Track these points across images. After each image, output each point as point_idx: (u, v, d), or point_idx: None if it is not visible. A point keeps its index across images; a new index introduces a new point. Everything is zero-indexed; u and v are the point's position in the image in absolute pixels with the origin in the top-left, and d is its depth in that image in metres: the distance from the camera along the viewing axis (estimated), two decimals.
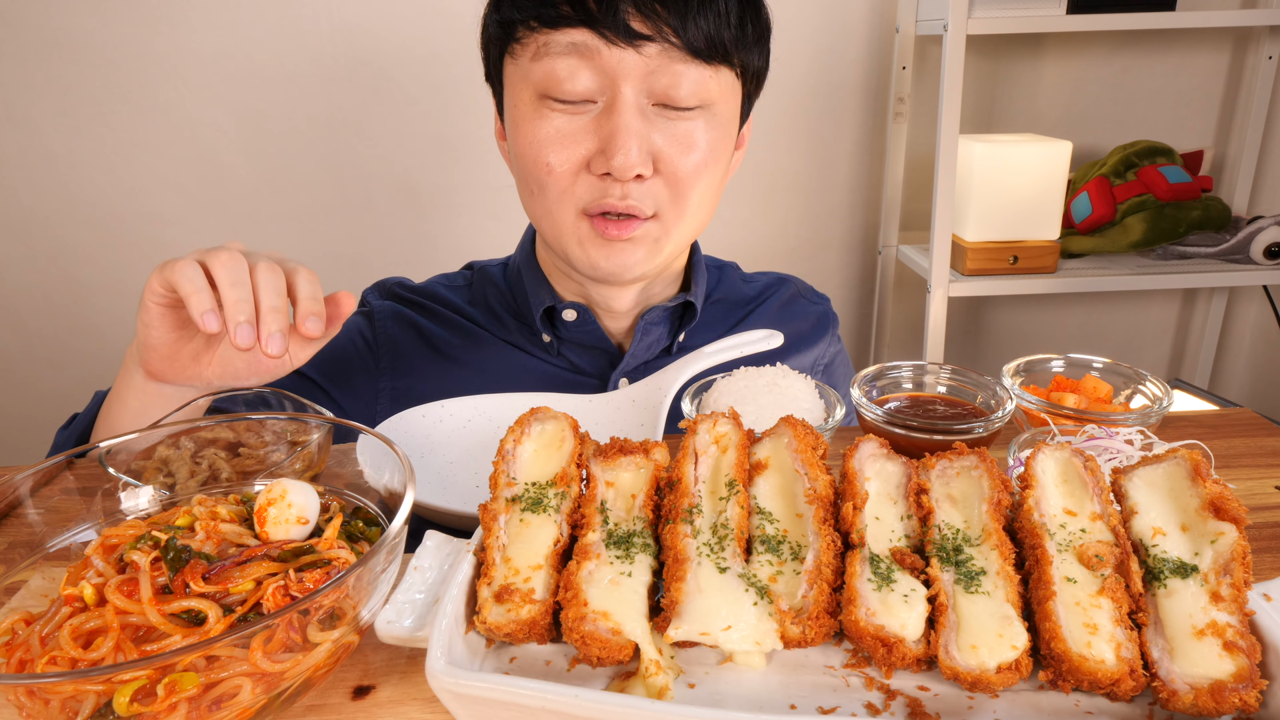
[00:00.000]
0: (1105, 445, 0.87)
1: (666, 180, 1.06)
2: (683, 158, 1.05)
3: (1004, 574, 0.61)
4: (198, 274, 0.82)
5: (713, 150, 1.07)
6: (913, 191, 2.61)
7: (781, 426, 0.73)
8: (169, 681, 0.51)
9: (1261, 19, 2.31)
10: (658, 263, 1.13)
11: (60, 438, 1.09)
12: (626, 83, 1.00)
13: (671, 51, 0.99)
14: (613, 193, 1.04)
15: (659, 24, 0.97)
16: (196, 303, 0.81)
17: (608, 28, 0.97)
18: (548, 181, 1.06)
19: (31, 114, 2.29)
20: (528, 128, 1.05)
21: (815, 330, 1.38)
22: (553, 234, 1.12)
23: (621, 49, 0.98)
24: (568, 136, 1.03)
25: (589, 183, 1.05)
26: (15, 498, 0.70)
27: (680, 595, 0.61)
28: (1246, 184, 2.63)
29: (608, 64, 0.99)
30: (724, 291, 1.36)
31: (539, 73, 1.01)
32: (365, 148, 2.42)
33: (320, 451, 0.87)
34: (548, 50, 1.00)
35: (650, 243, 1.10)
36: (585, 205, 1.07)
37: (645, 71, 0.99)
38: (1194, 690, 0.55)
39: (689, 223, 1.12)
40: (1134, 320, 2.89)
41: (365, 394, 1.25)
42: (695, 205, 1.10)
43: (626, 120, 1.00)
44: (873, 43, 2.47)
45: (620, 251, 1.09)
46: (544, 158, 1.04)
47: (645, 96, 1.02)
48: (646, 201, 1.06)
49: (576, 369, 1.24)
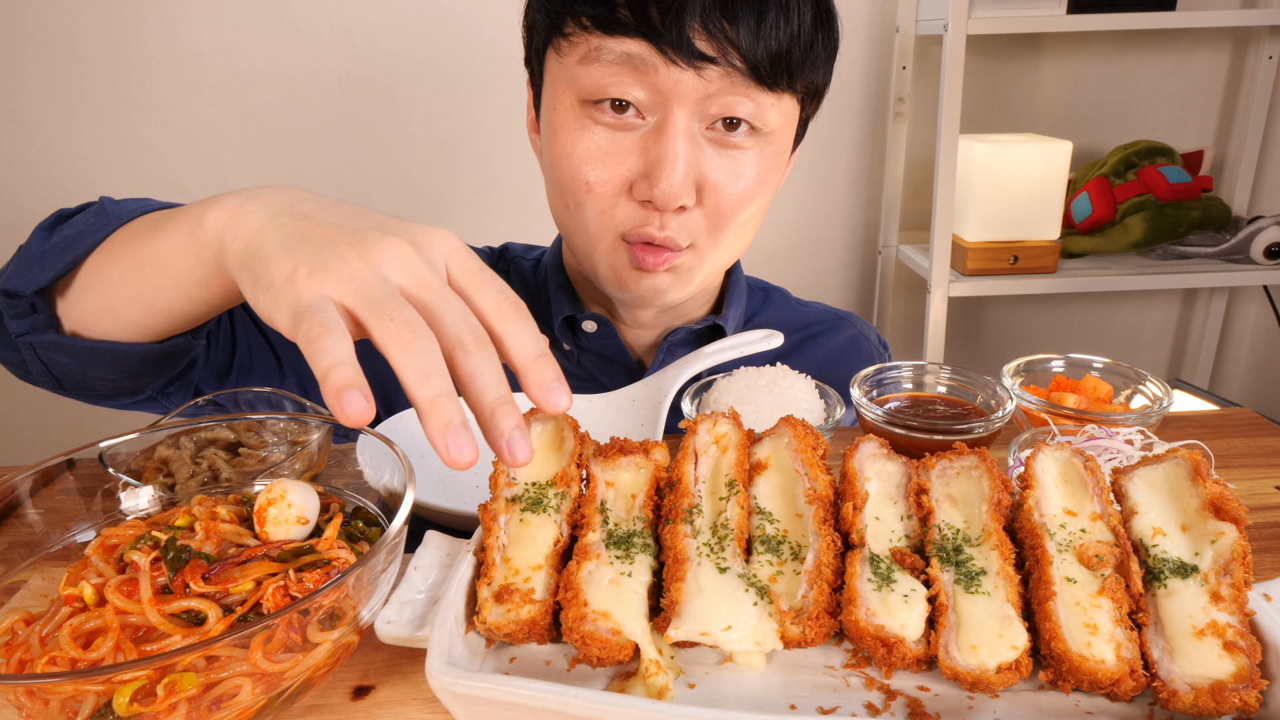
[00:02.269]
0: (1105, 445, 0.87)
1: (707, 211, 0.99)
2: (728, 189, 0.98)
3: (1004, 574, 0.61)
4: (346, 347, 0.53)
5: (761, 180, 1.01)
6: (913, 191, 2.61)
7: (781, 426, 0.73)
8: (169, 681, 0.51)
9: (1261, 19, 2.32)
10: (689, 290, 1.08)
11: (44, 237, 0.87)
12: (681, 106, 0.92)
13: (734, 76, 0.91)
14: (651, 222, 0.98)
15: (725, 45, 0.89)
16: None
17: (669, 44, 0.88)
18: (586, 200, 0.99)
19: (31, 114, 2.29)
20: (567, 137, 0.98)
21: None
22: (584, 250, 1.06)
23: (680, 69, 0.90)
24: (610, 155, 0.96)
25: (629, 209, 0.99)
26: (15, 498, 0.70)
27: (680, 595, 0.61)
28: (1246, 184, 2.63)
29: (663, 83, 0.91)
30: (769, 315, 1.30)
31: (586, 80, 0.94)
32: (365, 148, 2.42)
33: (320, 451, 0.87)
34: (598, 57, 0.92)
35: (684, 272, 1.05)
36: (625, 231, 1.01)
37: (702, 95, 0.92)
38: (1194, 690, 0.55)
39: (725, 251, 1.06)
40: (1134, 320, 2.89)
41: None
42: (733, 235, 1.04)
43: (676, 146, 0.93)
44: (873, 43, 2.47)
45: (653, 279, 1.04)
46: (583, 174, 0.98)
47: (698, 121, 0.95)
48: (682, 234, 1.00)
49: (594, 380, 1.21)
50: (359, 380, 0.51)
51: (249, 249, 0.62)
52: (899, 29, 2.40)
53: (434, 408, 0.53)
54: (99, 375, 0.90)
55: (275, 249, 0.60)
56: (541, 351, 0.60)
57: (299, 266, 0.57)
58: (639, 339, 1.22)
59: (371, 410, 0.51)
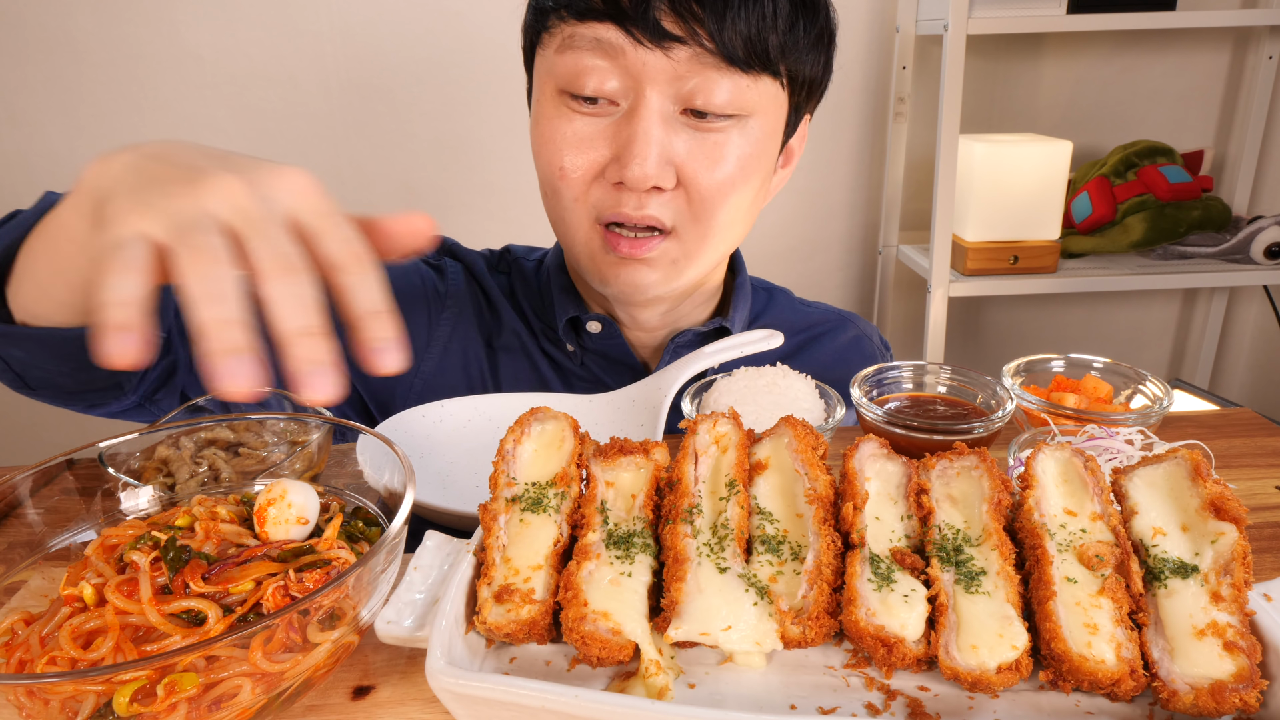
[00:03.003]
0: (1105, 445, 0.87)
1: (689, 195, 0.99)
2: (708, 171, 0.97)
3: (1004, 574, 0.61)
4: (138, 281, 0.51)
5: (744, 166, 0.99)
6: (913, 191, 2.61)
7: (781, 426, 0.73)
8: (169, 682, 0.51)
9: (1261, 19, 2.32)
10: (677, 285, 1.07)
11: None
12: (651, 87, 0.93)
13: (704, 57, 0.92)
14: (627, 203, 0.98)
15: (692, 25, 0.90)
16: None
17: (636, 25, 0.90)
18: (561, 186, 1.00)
19: (31, 114, 2.29)
20: (546, 125, 0.99)
21: None
22: (567, 241, 1.07)
23: (648, 50, 0.91)
24: (585, 140, 0.97)
25: (602, 191, 0.99)
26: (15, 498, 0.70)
27: (680, 595, 0.61)
28: (1247, 184, 2.63)
29: (632, 65, 0.92)
30: (773, 316, 1.30)
31: (562, 67, 0.96)
32: (365, 148, 2.42)
33: (320, 451, 0.87)
34: (572, 44, 0.94)
35: (668, 264, 1.04)
36: (599, 214, 1.01)
37: (672, 76, 0.92)
38: (1194, 690, 0.55)
39: (714, 244, 1.04)
40: (1134, 320, 2.89)
41: (419, 339, 1.20)
42: (722, 225, 1.02)
43: (646, 127, 0.93)
44: (873, 43, 2.47)
45: (634, 271, 1.03)
46: (559, 160, 0.98)
47: (672, 103, 0.95)
48: (665, 214, 0.99)
49: (599, 381, 1.20)
50: (134, 322, 0.49)
51: (103, 194, 0.59)
52: (899, 29, 2.40)
53: (213, 331, 0.49)
54: (52, 367, 0.87)
55: (121, 191, 0.57)
56: (377, 308, 0.55)
57: (129, 205, 0.55)
58: (643, 341, 1.21)
59: (142, 353, 0.49)
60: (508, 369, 1.21)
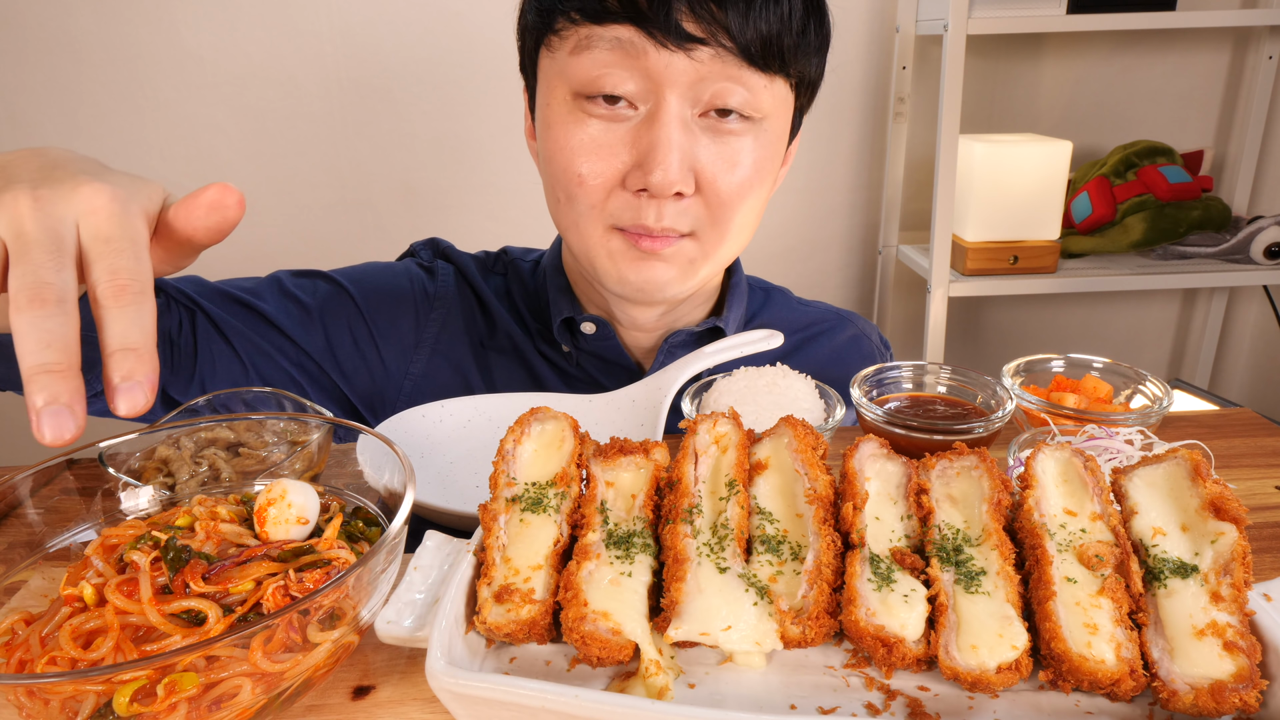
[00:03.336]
0: (1105, 445, 0.87)
1: (707, 199, 0.98)
2: (727, 176, 0.97)
3: (1004, 574, 0.61)
4: None
5: (759, 169, 1.00)
6: (913, 191, 2.61)
7: (781, 426, 0.73)
8: (169, 681, 0.51)
9: (1261, 19, 2.32)
10: (691, 284, 1.07)
11: None
12: (672, 90, 0.92)
13: (725, 57, 0.91)
14: (648, 214, 0.97)
15: (714, 26, 0.90)
16: None
17: (657, 27, 0.89)
18: (578, 193, 0.99)
19: (31, 114, 2.29)
20: (560, 131, 0.97)
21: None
22: (580, 246, 1.05)
23: (670, 51, 0.90)
24: (603, 146, 0.96)
25: (623, 200, 0.98)
26: (15, 498, 0.70)
27: (680, 595, 0.61)
28: (1246, 184, 2.63)
29: (653, 67, 0.91)
30: (770, 315, 1.30)
31: (577, 70, 0.94)
32: (365, 148, 2.42)
33: (320, 451, 0.87)
34: (588, 46, 0.93)
35: (685, 263, 1.04)
36: (615, 222, 1.00)
37: (694, 78, 0.92)
38: (1194, 690, 0.55)
39: (730, 245, 1.05)
40: (1134, 320, 2.89)
41: (407, 340, 1.20)
42: (738, 227, 1.03)
43: (669, 132, 0.92)
44: (873, 43, 2.48)
45: (652, 267, 1.02)
46: (575, 167, 0.97)
47: (691, 106, 0.94)
48: (683, 221, 0.99)
49: (594, 382, 1.20)
50: None
51: None
52: (899, 29, 2.40)
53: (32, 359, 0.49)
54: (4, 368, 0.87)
55: None
56: (128, 345, 0.53)
57: None
58: (638, 341, 1.21)
59: None
60: (501, 370, 1.22)
